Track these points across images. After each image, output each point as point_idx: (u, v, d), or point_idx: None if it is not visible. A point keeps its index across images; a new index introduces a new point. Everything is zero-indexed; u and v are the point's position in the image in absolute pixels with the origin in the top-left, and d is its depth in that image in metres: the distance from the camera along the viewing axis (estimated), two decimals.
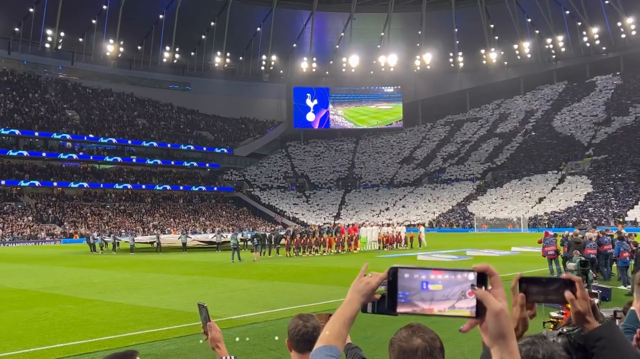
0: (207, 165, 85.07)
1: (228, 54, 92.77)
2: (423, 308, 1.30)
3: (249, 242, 32.47)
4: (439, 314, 1.28)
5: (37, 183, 67.23)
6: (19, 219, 61.17)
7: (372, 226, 38.61)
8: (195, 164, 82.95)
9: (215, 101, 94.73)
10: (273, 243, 31.91)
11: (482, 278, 1.29)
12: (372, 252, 32.86)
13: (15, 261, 31.71)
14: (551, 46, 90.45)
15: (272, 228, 58.74)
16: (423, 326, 1.85)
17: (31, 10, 76.52)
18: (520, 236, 48.89)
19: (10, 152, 67.09)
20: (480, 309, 1.27)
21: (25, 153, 68.17)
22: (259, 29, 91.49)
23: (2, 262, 31.57)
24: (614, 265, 17.94)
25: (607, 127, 78.17)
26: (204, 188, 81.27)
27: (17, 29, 77.59)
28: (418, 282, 1.31)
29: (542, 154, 78.82)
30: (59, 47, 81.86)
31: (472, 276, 1.29)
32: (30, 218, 62.25)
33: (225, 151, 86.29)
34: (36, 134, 69.64)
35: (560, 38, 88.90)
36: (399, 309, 1.33)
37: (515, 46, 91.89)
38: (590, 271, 13.70)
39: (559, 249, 19.28)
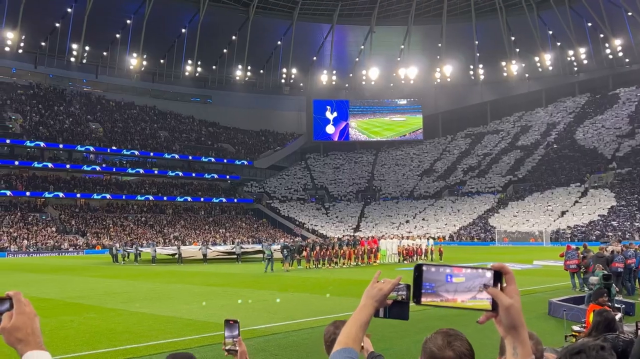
0: (228, 177, 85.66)
1: (249, 67, 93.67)
2: (447, 298, 1.44)
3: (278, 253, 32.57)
4: (462, 307, 1.43)
5: (61, 194, 68.31)
6: (43, 230, 62.17)
7: (392, 238, 38.45)
8: (215, 176, 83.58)
9: (236, 114, 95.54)
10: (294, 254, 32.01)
11: (498, 276, 1.44)
12: (392, 265, 32.75)
13: (40, 271, 32.24)
14: (573, 58, 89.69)
15: (292, 240, 58.90)
16: (460, 336, 1.91)
17: (57, 25, 78.26)
18: (543, 250, 48.34)
19: (36, 164, 68.34)
20: (495, 304, 1.43)
21: (50, 165, 69.39)
22: (279, 42, 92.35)
23: (28, 272, 32.13)
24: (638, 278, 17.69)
25: (631, 139, 77.08)
26: (224, 200, 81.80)
27: (43, 44, 79.33)
28: (443, 275, 1.45)
29: (565, 167, 77.94)
30: (84, 60, 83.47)
31: (489, 274, 1.44)
32: (53, 229, 63.23)
33: (246, 163, 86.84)
34: (61, 146, 70.88)
35: (582, 50, 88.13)
36: (424, 299, 1.45)
37: (537, 58, 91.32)
38: (614, 285, 13.55)
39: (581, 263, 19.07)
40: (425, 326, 10.88)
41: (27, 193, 66.28)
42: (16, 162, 67.27)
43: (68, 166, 70.96)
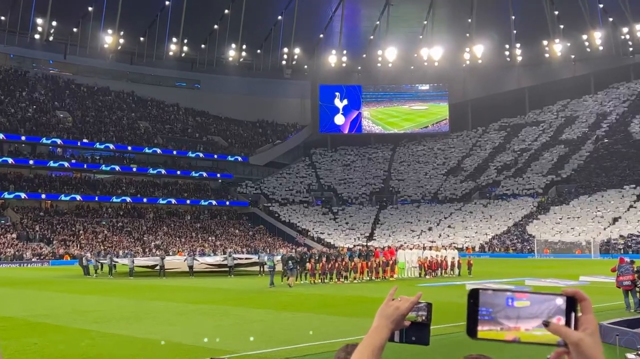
0: (219, 175, 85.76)
1: (244, 47, 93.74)
2: (508, 326, 1.40)
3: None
4: (526, 341, 1.39)
5: (23, 195, 68.61)
6: (1, 237, 62.47)
7: (411, 248, 38.50)
8: (204, 174, 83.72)
9: (228, 101, 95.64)
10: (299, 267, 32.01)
11: (571, 303, 1.38)
12: (411, 280, 32.73)
13: None
14: (628, 37, 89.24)
15: (294, 250, 58.87)
16: None
17: None
18: (590, 263, 48.20)
19: None
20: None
21: (10, 160, 69.68)
22: (280, 17, 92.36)
23: None
24: None
25: None
26: (214, 202, 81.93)
27: (2, 18, 79.56)
28: (503, 298, 1.42)
29: (617, 165, 77.62)
30: (50, 38, 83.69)
31: (560, 301, 1.39)
32: (14, 236, 63.53)
33: (240, 159, 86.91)
34: (23, 138, 71.13)
35: (638, 27, 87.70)
36: (481, 328, 1.42)
37: (585, 37, 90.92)
38: None
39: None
40: (448, 351, 10.89)
41: None
42: None
43: (31, 162, 71.24)
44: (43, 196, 70.30)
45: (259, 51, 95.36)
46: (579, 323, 1.38)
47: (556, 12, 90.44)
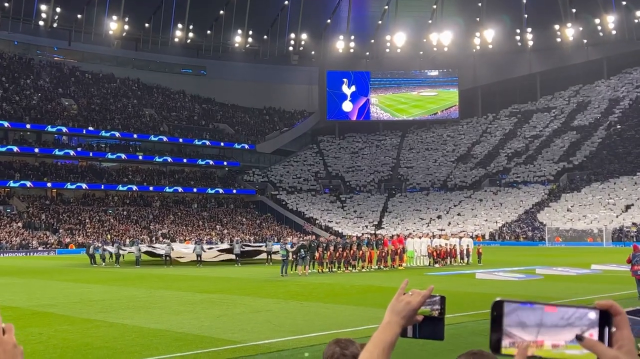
0: (225, 163, 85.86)
1: (250, 33, 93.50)
2: (535, 341, 1.31)
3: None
4: (554, 356, 1.29)
5: (28, 184, 68.88)
6: (7, 226, 62.79)
7: (420, 237, 38.36)
8: (211, 162, 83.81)
9: (235, 88, 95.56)
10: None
11: (605, 317, 1.28)
12: (420, 269, 32.71)
13: (4, 274, 32.59)
14: None
15: (303, 239, 58.97)
16: (489, 357, 1.88)
17: None
18: (602, 252, 48.01)
19: None
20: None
21: (15, 149, 69.90)
22: (286, 2, 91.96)
23: None
24: None
25: None
26: (221, 191, 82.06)
27: (6, 4, 79.58)
28: (530, 311, 1.33)
29: (631, 151, 77.20)
30: (55, 24, 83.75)
31: (593, 314, 1.29)
32: (20, 224, 63.85)
33: (247, 146, 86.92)
34: (28, 126, 71.36)
35: None
36: (505, 342, 1.33)
37: (597, 21, 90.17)
38: None
39: None
40: (459, 342, 10.81)
41: None
42: None
43: (37, 150, 71.47)
44: (49, 184, 70.56)
45: (265, 37, 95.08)
46: (613, 339, 1.28)
47: None
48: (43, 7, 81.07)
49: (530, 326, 1.32)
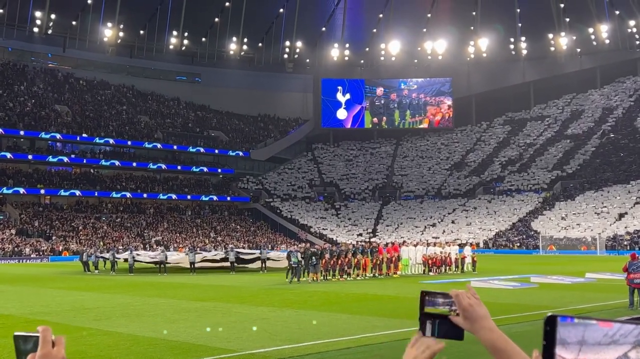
0: (220, 170, 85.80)
1: (245, 40, 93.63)
2: (588, 357, 1.25)
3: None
4: None
5: (21, 190, 68.65)
6: (0, 233, 62.50)
7: (415, 245, 38.38)
8: (205, 169, 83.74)
9: (229, 95, 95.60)
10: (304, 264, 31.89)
11: None
12: (415, 277, 32.67)
13: None
14: (635, 30, 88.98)
15: (297, 246, 58.97)
16: None
17: None
18: (596, 260, 48.12)
19: None
20: None
21: (8, 155, 69.70)
22: (281, 10, 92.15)
23: None
24: None
25: None
26: (215, 198, 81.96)
27: (1, 10, 79.46)
28: (584, 326, 1.27)
29: (624, 160, 77.51)
30: (49, 31, 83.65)
31: None
32: (13, 231, 63.58)
33: (241, 154, 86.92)
34: (21, 132, 71.18)
35: None
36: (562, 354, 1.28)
37: (591, 30, 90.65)
38: None
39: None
40: (459, 351, 10.78)
41: None
42: None
43: (30, 157, 71.29)
44: (42, 191, 70.36)
45: (260, 44, 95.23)
46: None
47: (562, 5, 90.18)
48: (38, 13, 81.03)
49: (584, 341, 1.26)
